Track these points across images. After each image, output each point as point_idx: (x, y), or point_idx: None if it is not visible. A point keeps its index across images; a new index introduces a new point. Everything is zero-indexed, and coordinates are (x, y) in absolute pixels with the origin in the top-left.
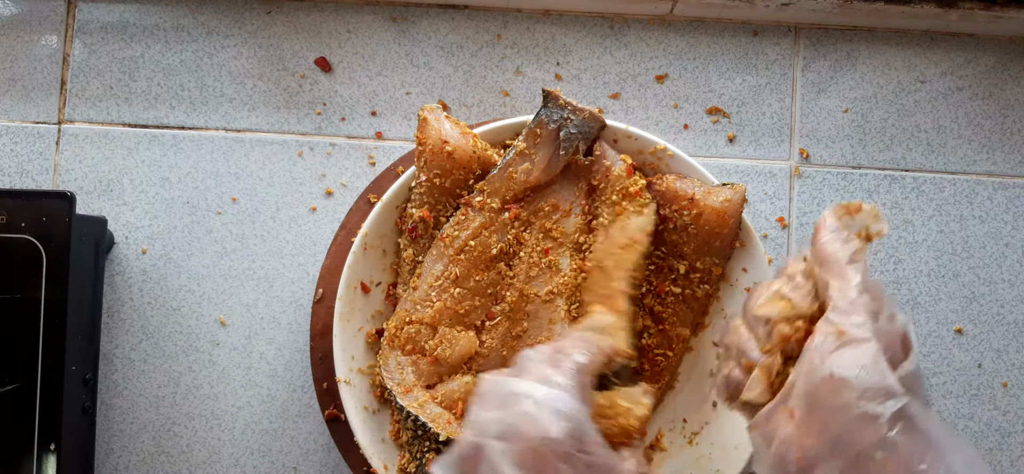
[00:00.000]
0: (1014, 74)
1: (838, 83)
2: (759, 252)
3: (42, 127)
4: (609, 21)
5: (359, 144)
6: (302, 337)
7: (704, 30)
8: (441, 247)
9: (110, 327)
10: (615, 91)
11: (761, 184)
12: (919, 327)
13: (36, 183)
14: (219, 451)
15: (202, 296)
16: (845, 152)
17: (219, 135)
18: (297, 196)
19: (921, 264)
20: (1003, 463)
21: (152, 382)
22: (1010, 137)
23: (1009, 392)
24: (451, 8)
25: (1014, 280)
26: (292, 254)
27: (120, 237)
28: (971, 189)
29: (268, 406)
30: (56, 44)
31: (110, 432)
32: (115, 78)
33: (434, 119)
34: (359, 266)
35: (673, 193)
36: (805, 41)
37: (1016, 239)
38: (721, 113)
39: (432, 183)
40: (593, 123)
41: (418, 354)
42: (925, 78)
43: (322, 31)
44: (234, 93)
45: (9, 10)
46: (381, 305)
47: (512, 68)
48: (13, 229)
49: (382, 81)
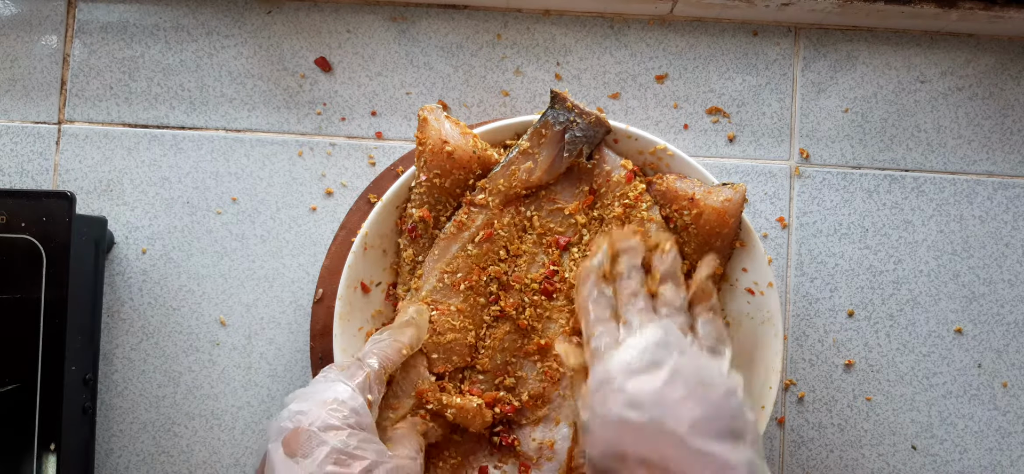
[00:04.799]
0: (1014, 74)
1: (838, 83)
2: (759, 252)
3: (42, 127)
4: (609, 21)
5: (359, 144)
6: (302, 337)
7: (704, 30)
8: (443, 246)
9: (110, 327)
10: (615, 91)
11: (761, 184)
12: (919, 327)
13: (36, 183)
14: (219, 451)
15: (202, 296)
16: (845, 152)
17: (219, 135)
18: (297, 196)
19: (921, 264)
20: (1003, 463)
21: (152, 382)
22: (1010, 137)
23: (1009, 392)
24: (451, 8)
25: (1014, 280)
26: (292, 254)
27: (120, 237)
28: (971, 189)
29: (268, 406)
30: (56, 44)
31: (110, 432)
32: (115, 78)
33: (434, 119)
34: (359, 266)
35: (673, 193)
36: (805, 41)
37: (1016, 239)
38: (721, 113)
39: (432, 183)
40: (598, 127)
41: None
42: (925, 78)
43: (322, 31)
44: (234, 93)
45: (9, 10)
46: (381, 305)
47: (512, 68)
48: (13, 229)
49: (382, 81)
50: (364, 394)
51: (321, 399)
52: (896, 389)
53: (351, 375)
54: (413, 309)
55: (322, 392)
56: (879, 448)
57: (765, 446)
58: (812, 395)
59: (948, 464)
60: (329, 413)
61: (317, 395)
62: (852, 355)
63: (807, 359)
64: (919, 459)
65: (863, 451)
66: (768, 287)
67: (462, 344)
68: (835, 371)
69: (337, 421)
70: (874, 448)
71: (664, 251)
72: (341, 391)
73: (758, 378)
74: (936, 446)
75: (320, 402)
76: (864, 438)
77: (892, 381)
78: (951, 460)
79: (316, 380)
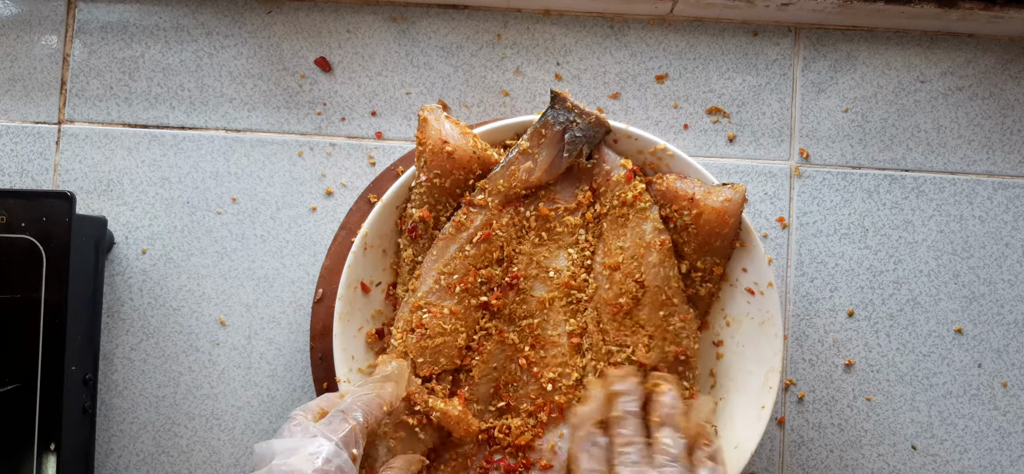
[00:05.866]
0: (1014, 74)
1: (838, 83)
2: (759, 252)
3: (42, 127)
4: (609, 21)
5: (359, 144)
6: (302, 337)
7: (704, 30)
8: (441, 246)
9: (110, 327)
10: (615, 91)
11: (761, 184)
12: (919, 327)
13: (36, 183)
14: (219, 451)
15: (202, 296)
16: (845, 152)
17: (219, 135)
18: (297, 196)
19: (921, 264)
20: (1003, 463)
21: (152, 382)
22: (1010, 137)
23: (1009, 392)
24: (451, 8)
25: (1014, 280)
26: (292, 254)
27: (120, 237)
28: (971, 189)
29: (268, 406)
30: (56, 44)
31: (110, 432)
32: (115, 78)
33: (434, 119)
34: (359, 266)
35: (673, 193)
36: (805, 41)
37: (1016, 239)
38: (721, 113)
39: (432, 183)
40: (598, 128)
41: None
42: (925, 78)
43: (322, 31)
44: (234, 93)
45: (9, 10)
46: (381, 305)
47: (512, 68)
48: (13, 229)
49: (382, 81)
50: (350, 449)
51: (306, 453)
52: (896, 389)
53: (334, 429)
54: (394, 364)
55: (305, 446)
56: (879, 448)
57: (765, 446)
58: (812, 395)
59: (948, 464)
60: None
61: (301, 449)
62: (852, 355)
63: (807, 359)
64: (919, 459)
65: (863, 451)
66: (768, 287)
67: (452, 346)
68: (835, 371)
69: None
70: (874, 448)
71: (662, 392)
72: (326, 448)
73: (758, 378)
74: (936, 446)
75: (306, 457)
76: (864, 438)
77: (892, 381)
78: (951, 460)
79: (293, 428)
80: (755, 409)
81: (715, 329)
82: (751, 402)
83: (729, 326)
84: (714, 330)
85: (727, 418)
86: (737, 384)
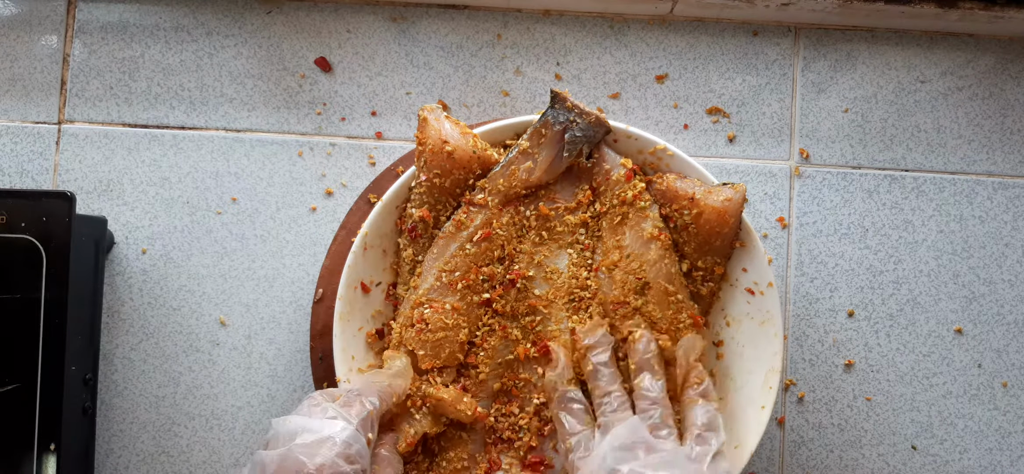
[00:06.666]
0: (1014, 74)
1: (838, 83)
2: (759, 252)
3: (42, 127)
4: (609, 21)
5: (359, 144)
6: (302, 337)
7: (704, 30)
8: (442, 245)
9: (110, 327)
10: (615, 91)
11: (761, 184)
12: (919, 327)
13: (36, 183)
14: (219, 451)
15: (202, 296)
16: (845, 152)
17: (219, 135)
18: (297, 196)
19: (921, 264)
20: (1003, 463)
21: (152, 382)
22: (1010, 137)
23: (1009, 392)
24: (451, 8)
25: (1014, 280)
26: (292, 254)
27: (120, 237)
28: (971, 189)
29: (268, 406)
30: (56, 44)
31: (110, 432)
32: (115, 78)
33: (434, 119)
34: (359, 266)
35: (673, 192)
36: (805, 41)
37: (1016, 239)
38: (721, 113)
39: (432, 183)
40: (598, 128)
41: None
42: (925, 78)
43: (322, 31)
44: (234, 93)
45: (9, 10)
46: (381, 305)
47: (512, 68)
48: (13, 229)
49: (382, 81)
50: (366, 432)
51: (325, 435)
52: (896, 389)
53: (354, 412)
54: (400, 361)
55: (324, 428)
56: (879, 448)
57: (765, 446)
58: (812, 395)
59: (948, 464)
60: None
61: (321, 430)
62: (852, 355)
63: (807, 359)
64: (919, 459)
65: (863, 451)
66: (768, 287)
67: (453, 340)
68: (835, 371)
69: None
70: (874, 448)
71: (636, 340)
72: (346, 432)
73: (758, 378)
74: (936, 446)
75: (326, 441)
76: (864, 438)
77: (892, 381)
78: (951, 460)
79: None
80: (755, 409)
81: (715, 329)
82: (751, 402)
83: (729, 326)
84: (714, 330)
85: (727, 418)
86: (737, 384)
